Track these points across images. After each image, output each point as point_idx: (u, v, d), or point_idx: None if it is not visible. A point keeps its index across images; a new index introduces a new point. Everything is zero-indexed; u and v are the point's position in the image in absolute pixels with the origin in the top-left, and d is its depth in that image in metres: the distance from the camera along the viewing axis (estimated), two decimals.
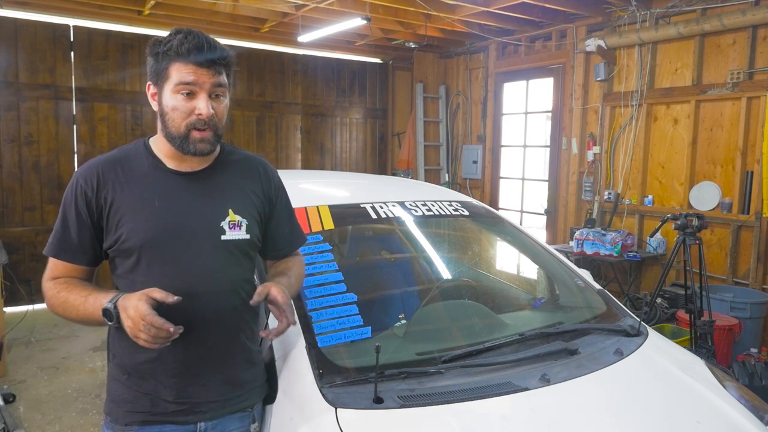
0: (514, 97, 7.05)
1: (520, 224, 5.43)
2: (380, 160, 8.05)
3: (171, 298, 1.33)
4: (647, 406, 1.68)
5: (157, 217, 1.45)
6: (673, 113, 5.22)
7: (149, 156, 1.51)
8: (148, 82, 1.46)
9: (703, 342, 3.67)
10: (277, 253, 1.72)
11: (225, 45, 1.48)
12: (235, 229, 1.52)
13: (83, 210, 1.45)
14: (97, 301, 1.39)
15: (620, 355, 1.88)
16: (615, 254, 5.02)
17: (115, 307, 1.35)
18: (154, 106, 1.46)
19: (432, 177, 7.78)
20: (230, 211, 1.53)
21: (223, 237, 1.50)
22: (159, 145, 1.51)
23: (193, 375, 1.48)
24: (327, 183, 3.19)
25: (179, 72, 1.38)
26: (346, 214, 2.32)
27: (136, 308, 1.30)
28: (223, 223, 1.51)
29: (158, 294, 1.32)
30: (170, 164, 1.50)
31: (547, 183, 6.57)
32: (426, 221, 2.42)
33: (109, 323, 1.37)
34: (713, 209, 4.87)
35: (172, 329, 1.30)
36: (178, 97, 1.40)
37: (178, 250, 1.45)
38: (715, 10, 4.78)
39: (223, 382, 1.52)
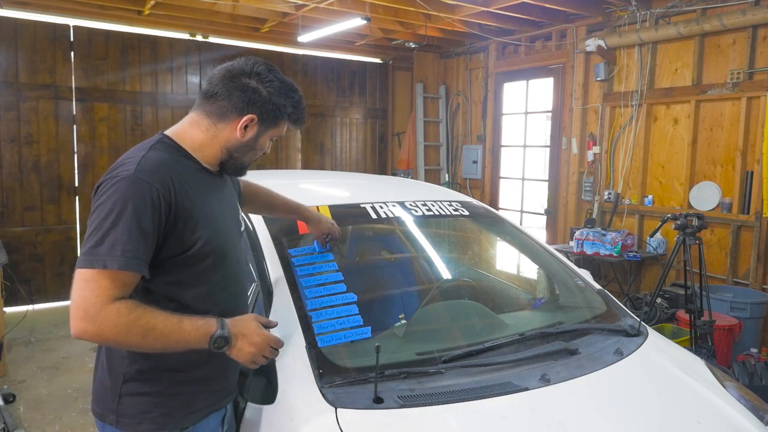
0: (514, 97, 7.05)
1: (520, 224, 5.43)
2: (380, 160, 8.04)
3: (272, 324, 1.52)
4: (647, 406, 1.68)
5: (221, 218, 1.53)
6: (673, 113, 5.21)
7: (186, 157, 1.47)
8: (251, 114, 1.45)
9: (703, 342, 3.67)
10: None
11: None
12: (242, 223, 1.73)
13: (160, 215, 1.33)
14: (199, 327, 1.34)
15: (620, 355, 1.88)
16: (615, 254, 5.02)
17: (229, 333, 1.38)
18: (240, 132, 1.46)
19: (432, 177, 7.78)
20: (238, 205, 1.70)
21: (241, 229, 1.68)
22: (193, 148, 1.48)
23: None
24: (327, 183, 3.18)
25: (282, 129, 1.54)
26: (346, 214, 2.31)
27: (262, 335, 1.43)
28: (239, 217, 1.68)
29: (262, 320, 1.49)
30: (205, 165, 1.51)
31: (547, 183, 6.56)
32: (426, 221, 2.42)
33: (218, 350, 1.37)
34: (713, 209, 4.87)
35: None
36: (267, 142, 1.55)
37: (235, 249, 1.56)
38: (715, 10, 4.78)
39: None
